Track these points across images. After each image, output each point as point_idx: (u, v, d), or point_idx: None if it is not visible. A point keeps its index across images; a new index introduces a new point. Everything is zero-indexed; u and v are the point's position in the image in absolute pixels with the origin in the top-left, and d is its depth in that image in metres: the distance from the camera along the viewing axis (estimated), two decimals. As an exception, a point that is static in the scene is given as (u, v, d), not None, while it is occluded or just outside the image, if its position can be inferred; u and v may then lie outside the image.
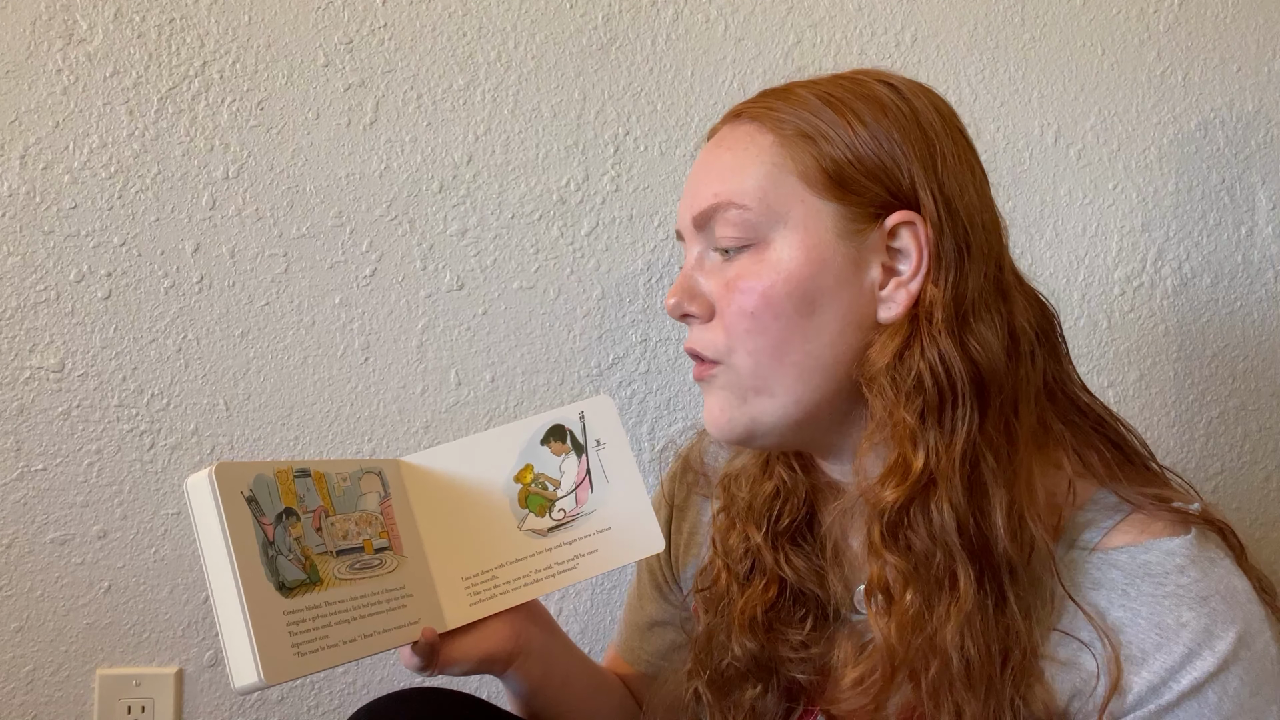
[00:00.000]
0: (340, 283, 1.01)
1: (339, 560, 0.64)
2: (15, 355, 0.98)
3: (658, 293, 1.05)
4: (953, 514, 0.60)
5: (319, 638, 0.60)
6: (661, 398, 1.06)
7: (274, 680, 0.56)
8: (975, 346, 0.61)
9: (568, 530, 0.72)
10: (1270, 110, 1.13)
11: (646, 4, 1.04)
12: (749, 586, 0.72)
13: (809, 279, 0.63)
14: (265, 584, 0.58)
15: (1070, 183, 1.10)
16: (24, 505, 0.99)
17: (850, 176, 0.63)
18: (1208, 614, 0.58)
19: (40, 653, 1.00)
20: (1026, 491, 0.62)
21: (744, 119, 0.67)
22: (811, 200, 0.63)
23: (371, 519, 0.67)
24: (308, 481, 0.64)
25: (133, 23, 0.97)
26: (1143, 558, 0.61)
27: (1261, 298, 1.14)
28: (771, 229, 0.64)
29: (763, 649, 0.71)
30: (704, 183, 0.67)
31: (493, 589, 0.71)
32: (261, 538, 0.59)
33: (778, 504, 0.72)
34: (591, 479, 0.74)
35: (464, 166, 1.02)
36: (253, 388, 1.01)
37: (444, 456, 0.73)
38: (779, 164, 0.64)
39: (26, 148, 0.96)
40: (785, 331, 0.63)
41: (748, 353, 0.64)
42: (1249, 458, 1.15)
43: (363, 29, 1.00)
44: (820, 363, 0.64)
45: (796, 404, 0.64)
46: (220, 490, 0.58)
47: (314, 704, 1.03)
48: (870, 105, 0.64)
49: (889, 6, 1.07)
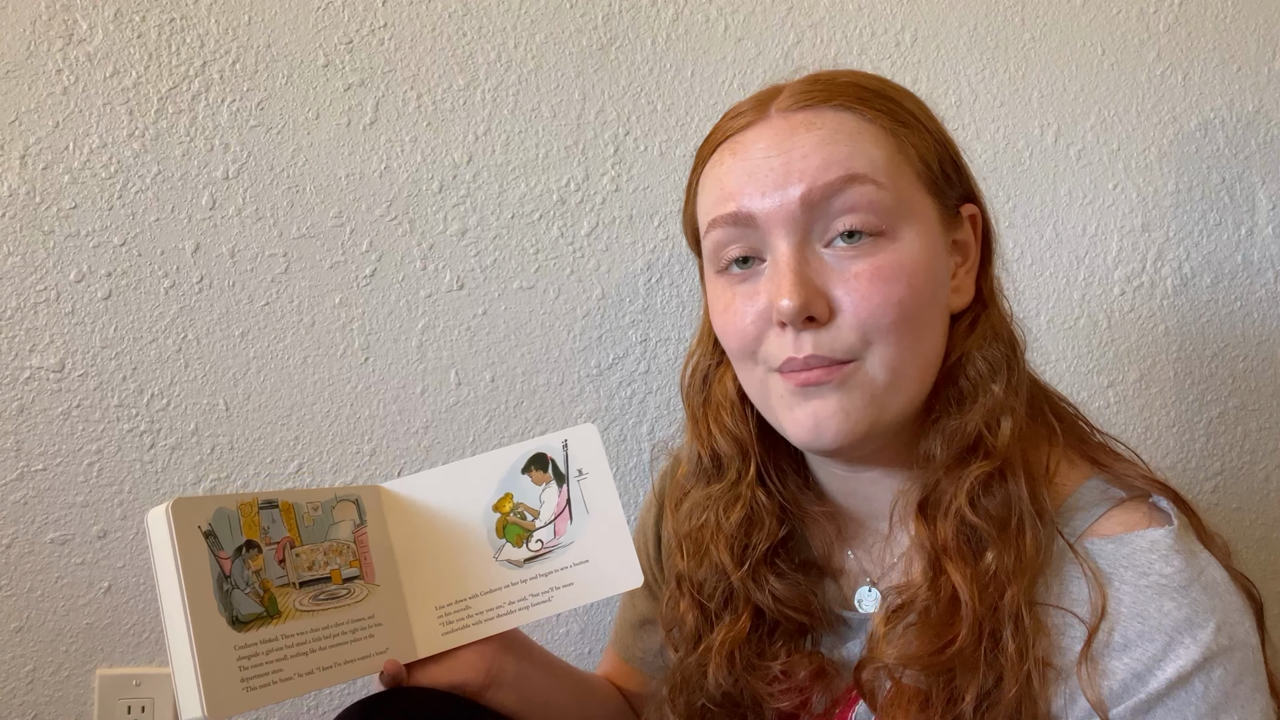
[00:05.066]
0: (340, 283, 1.01)
1: (301, 591, 0.64)
2: (15, 355, 0.98)
3: (658, 293, 1.05)
4: (1025, 481, 0.63)
5: (271, 671, 0.60)
6: (661, 398, 1.06)
7: (217, 716, 0.57)
8: (1012, 324, 0.68)
9: (544, 562, 0.72)
10: (1270, 110, 1.13)
11: (646, 4, 1.04)
12: (721, 622, 0.71)
13: (934, 272, 0.63)
14: (216, 618, 0.59)
15: (1070, 183, 1.10)
16: (24, 505, 0.99)
17: (944, 173, 0.65)
18: (1189, 604, 0.59)
19: (40, 653, 1.00)
20: (1037, 461, 0.66)
21: (834, 106, 0.63)
22: (921, 195, 0.64)
23: (343, 548, 0.67)
24: (274, 513, 0.64)
25: (133, 23, 0.97)
26: (1126, 548, 0.62)
27: (1261, 298, 1.14)
28: (900, 218, 0.62)
29: (737, 685, 0.70)
30: (822, 157, 0.61)
31: (465, 619, 0.70)
32: (217, 572, 0.60)
33: (753, 531, 0.70)
34: (571, 510, 0.73)
35: (464, 166, 1.02)
36: (253, 388, 1.01)
37: (425, 483, 0.72)
38: (899, 152, 0.63)
39: (26, 148, 0.96)
40: (923, 326, 0.63)
41: (892, 348, 0.62)
42: (1249, 458, 1.15)
43: (363, 29, 1.00)
44: (936, 354, 0.65)
45: (915, 398, 0.65)
46: (175, 525, 0.59)
47: (314, 704, 1.03)
48: (919, 105, 0.67)
49: (889, 6, 1.07)
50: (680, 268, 1.05)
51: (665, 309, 1.06)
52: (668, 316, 1.06)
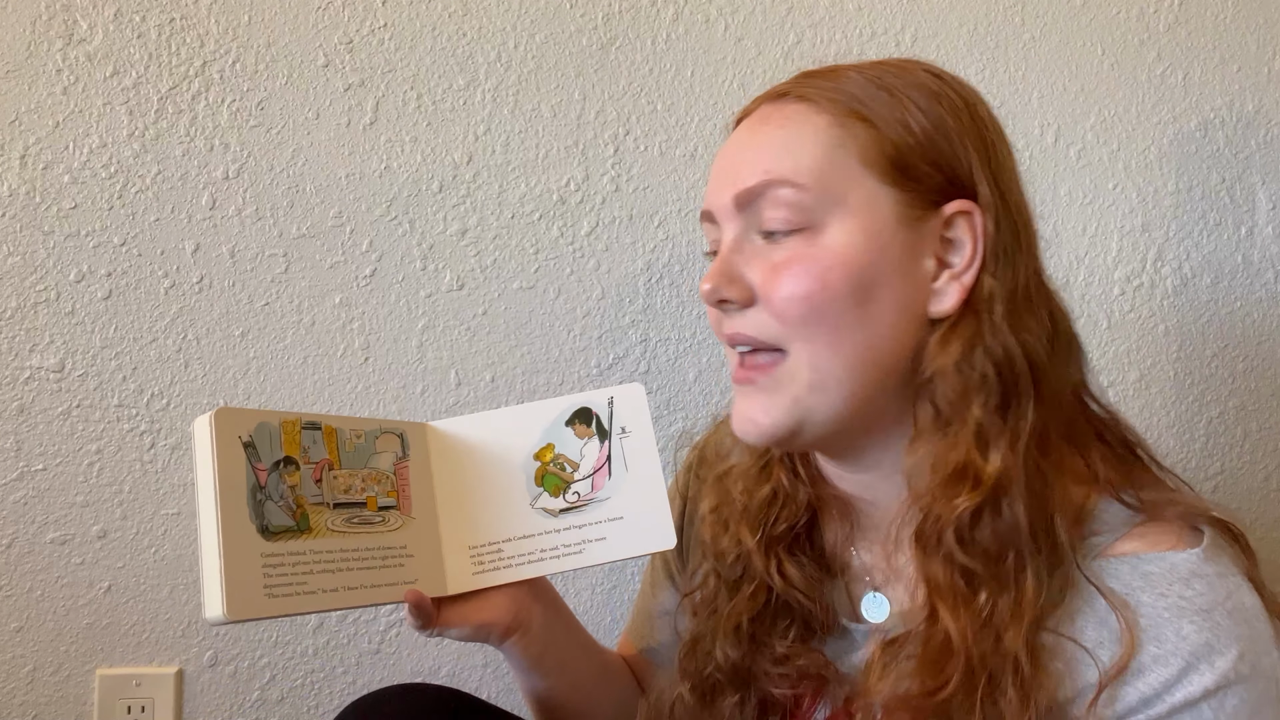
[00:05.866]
0: (340, 283, 1.01)
1: (335, 513, 0.65)
2: (15, 355, 0.98)
3: (658, 293, 1.05)
4: (1025, 513, 0.59)
5: (296, 583, 0.61)
6: (661, 398, 1.06)
7: (236, 616, 0.58)
8: (1028, 339, 0.61)
9: (579, 514, 0.72)
10: (1270, 110, 1.13)
11: (646, 4, 1.04)
12: (737, 593, 0.71)
13: (868, 265, 0.60)
14: (247, 525, 0.60)
15: (1070, 183, 1.10)
16: (24, 505, 0.99)
17: (911, 162, 0.61)
18: (1210, 628, 0.56)
19: (40, 653, 1.00)
20: (1061, 492, 0.61)
21: (791, 98, 0.64)
22: (871, 184, 0.61)
23: (381, 477, 0.69)
24: (316, 434, 0.66)
25: (133, 23, 0.97)
26: (1145, 568, 0.59)
27: (1261, 298, 1.14)
28: (826, 212, 0.61)
29: (744, 658, 0.70)
30: (749, 160, 0.64)
31: (496, 561, 0.71)
32: (253, 481, 0.61)
33: (775, 509, 0.70)
34: (611, 466, 0.73)
35: (464, 166, 1.02)
36: (253, 388, 1.01)
37: (470, 426, 0.74)
38: (838, 144, 0.62)
39: (26, 148, 0.97)
40: (841, 319, 0.60)
41: (810, 343, 0.61)
42: (1249, 458, 1.15)
43: (363, 29, 1.00)
44: (876, 355, 0.61)
45: (847, 401, 0.62)
46: (217, 432, 0.60)
47: (314, 704, 1.03)
48: (923, 92, 0.63)
49: (889, 6, 1.07)
50: (680, 268, 1.05)
51: (665, 309, 1.06)
52: (668, 316, 1.06)
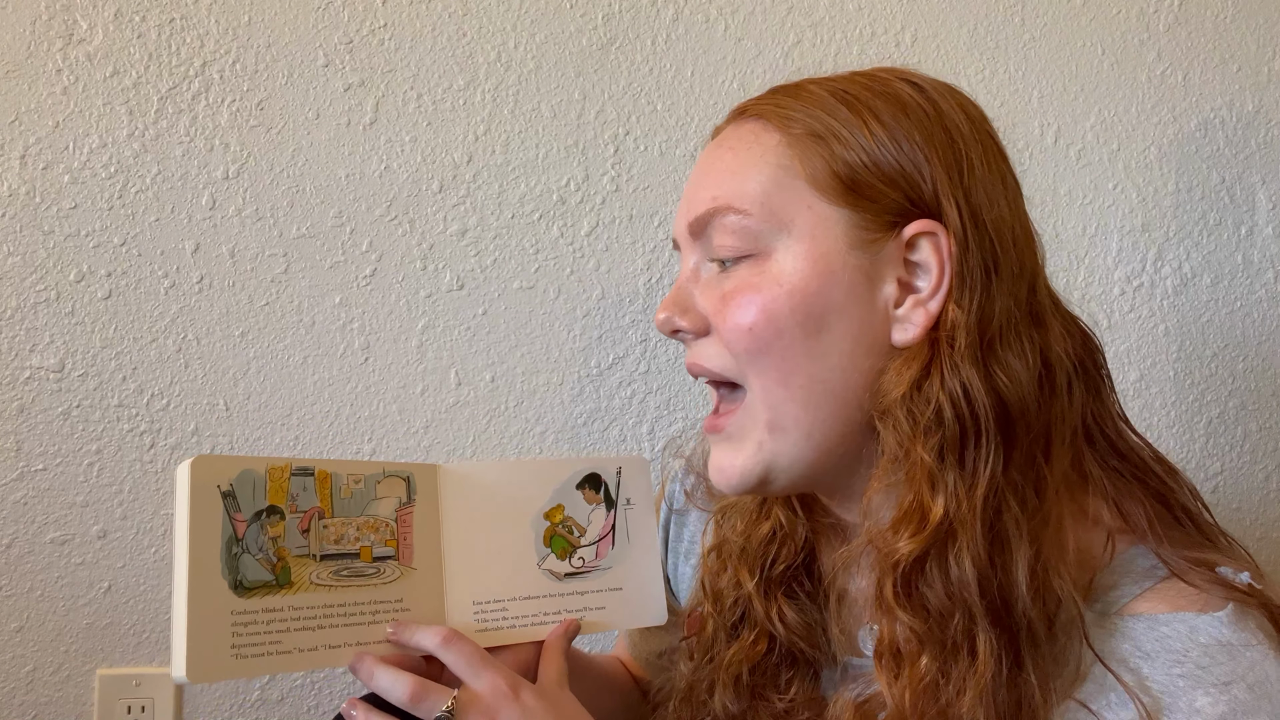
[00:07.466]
0: (340, 283, 1.01)
1: (321, 565, 0.62)
2: (15, 355, 0.98)
3: (658, 293, 1.05)
4: (974, 569, 0.54)
5: (269, 642, 0.59)
6: (661, 398, 1.06)
7: (198, 678, 0.56)
8: (1002, 377, 0.56)
9: (582, 580, 0.71)
10: (1270, 110, 1.13)
11: (646, 4, 1.04)
12: (736, 640, 0.68)
13: (815, 293, 0.57)
14: (217, 581, 0.58)
15: (1070, 183, 1.10)
16: (24, 505, 0.99)
17: (864, 181, 0.57)
18: (1227, 701, 0.50)
19: (40, 653, 1.00)
20: (1055, 545, 0.56)
21: (749, 116, 0.62)
22: (820, 206, 0.58)
23: (380, 525, 0.65)
24: (307, 480, 0.63)
25: (133, 23, 0.97)
26: (1162, 630, 0.54)
27: (1261, 298, 1.14)
28: (774, 238, 0.58)
29: (744, 713, 0.67)
30: (702, 186, 0.61)
31: (500, 620, 0.69)
32: (229, 533, 0.59)
33: (774, 548, 0.68)
34: (615, 536, 0.73)
35: (464, 166, 1.02)
36: (253, 388, 1.01)
37: (483, 472, 0.71)
38: (785, 166, 0.59)
39: (26, 148, 0.96)
40: (789, 351, 0.57)
41: (761, 378, 0.58)
42: (1249, 458, 1.15)
43: (363, 29, 1.00)
44: (829, 389, 0.58)
45: (808, 439, 0.58)
46: (193, 481, 0.58)
47: (314, 703, 1.03)
48: (890, 104, 0.59)
49: (889, 6, 1.07)
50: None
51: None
52: (668, 316, 1.06)
